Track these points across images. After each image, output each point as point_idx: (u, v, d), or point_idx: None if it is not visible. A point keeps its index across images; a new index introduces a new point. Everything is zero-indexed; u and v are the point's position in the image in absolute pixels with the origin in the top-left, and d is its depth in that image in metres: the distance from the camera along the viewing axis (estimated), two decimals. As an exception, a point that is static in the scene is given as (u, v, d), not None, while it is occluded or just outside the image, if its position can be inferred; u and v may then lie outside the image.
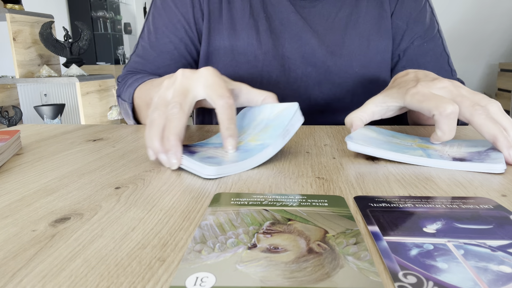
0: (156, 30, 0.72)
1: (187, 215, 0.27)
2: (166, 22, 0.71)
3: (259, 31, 0.70)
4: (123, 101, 0.69)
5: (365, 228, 0.25)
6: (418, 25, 0.73)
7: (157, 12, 0.73)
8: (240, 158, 0.38)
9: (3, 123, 2.36)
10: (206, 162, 0.37)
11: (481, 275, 0.19)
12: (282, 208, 0.28)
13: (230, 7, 0.71)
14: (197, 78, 0.43)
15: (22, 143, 0.51)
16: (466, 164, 0.38)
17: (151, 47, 0.73)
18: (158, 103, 0.41)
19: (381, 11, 0.72)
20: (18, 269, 0.21)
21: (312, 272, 0.19)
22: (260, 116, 0.45)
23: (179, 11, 0.71)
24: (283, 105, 0.43)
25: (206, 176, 0.36)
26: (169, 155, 0.38)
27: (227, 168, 0.36)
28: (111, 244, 0.23)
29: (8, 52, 2.72)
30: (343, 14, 0.72)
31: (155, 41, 0.72)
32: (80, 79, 2.28)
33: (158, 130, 0.39)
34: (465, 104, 0.41)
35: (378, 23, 0.72)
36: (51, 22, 2.39)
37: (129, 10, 4.91)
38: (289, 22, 0.70)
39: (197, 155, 0.39)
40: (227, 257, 0.21)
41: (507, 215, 0.26)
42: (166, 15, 0.71)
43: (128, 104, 0.66)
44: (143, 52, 0.73)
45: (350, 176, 0.36)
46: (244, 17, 0.70)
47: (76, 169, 0.39)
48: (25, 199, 0.31)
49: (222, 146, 0.43)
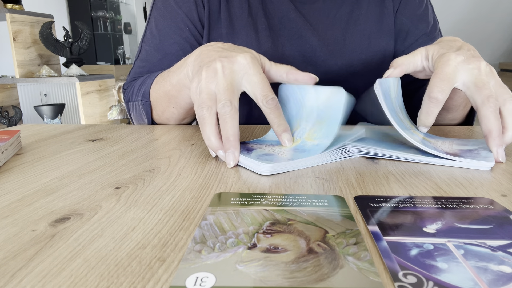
0: (160, 32, 0.71)
1: (187, 215, 0.27)
2: (169, 23, 0.70)
3: (258, 30, 0.70)
4: (135, 102, 0.67)
5: (365, 228, 0.25)
6: (423, 23, 0.73)
7: (159, 14, 0.71)
8: (295, 157, 0.39)
9: (3, 123, 2.36)
10: (263, 159, 0.38)
11: (481, 275, 0.19)
12: (282, 208, 0.28)
13: (228, 6, 0.70)
14: (239, 71, 0.44)
15: (22, 143, 0.51)
16: (457, 159, 0.39)
17: (155, 50, 0.71)
18: (204, 98, 0.42)
19: (383, 8, 0.72)
20: (18, 269, 0.21)
21: (312, 272, 0.19)
22: (308, 102, 0.45)
23: (182, 11, 0.70)
24: (327, 90, 0.44)
25: (261, 173, 0.37)
26: (227, 154, 0.39)
27: (282, 166, 0.38)
28: (111, 244, 0.23)
29: (8, 52, 2.72)
30: (344, 11, 0.71)
31: (159, 43, 0.71)
32: (80, 79, 2.28)
33: (213, 128, 0.41)
34: (484, 92, 0.41)
35: (380, 21, 0.71)
36: (51, 22, 2.39)
37: (129, 10, 4.91)
38: (288, 21, 0.70)
39: (254, 152, 0.41)
40: (227, 257, 0.21)
41: (507, 215, 0.26)
42: (169, 16, 0.70)
43: (144, 102, 0.64)
44: (146, 55, 0.72)
45: (350, 176, 0.36)
46: (243, 16, 0.70)
47: (76, 169, 0.39)
48: (25, 199, 0.31)
49: (278, 143, 0.45)
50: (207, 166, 0.40)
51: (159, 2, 0.72)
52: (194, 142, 0.51)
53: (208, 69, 0.43)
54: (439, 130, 0.57)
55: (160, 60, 0.71)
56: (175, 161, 0.41)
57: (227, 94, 0.41)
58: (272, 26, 0.70)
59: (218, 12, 0.70)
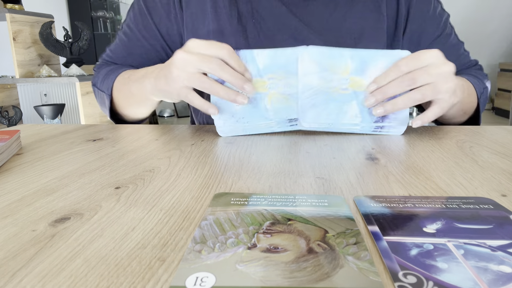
0: (131, 31, 0.74)
1: (187, 215, 0.27)
2: (140, 27, 0.73)
3: (248, 37, 0.70)
4: (100, 91, 0.71)
5: (365, 228, 0.25)
6: (433, 25, 0.73)
7: (134, 14, 0.75)
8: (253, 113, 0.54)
9: (3, 123, 2.36)
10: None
11: (481, 275, 0.19)
12: (282, 208, 0.28)
13: (217, 16, 0.70)
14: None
15: (22, 143, 0.51)
16: (379, 131, 0.54)
17: (123, 46, 0.75)
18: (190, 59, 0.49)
19: (378, 14, 0.71)
20: (18, 269, 0.21)
21: (312, 272, 0.19)
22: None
23: (152, 21, 0.73)
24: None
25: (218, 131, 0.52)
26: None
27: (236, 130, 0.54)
28: (111, 244, 0.23)
29: (8, 52, 2.72)
30: (338, 14, 0.71)
31: (127, 42, 0.75)
32: (80, 79, 2.28)
33: (224, 70, 0.48)
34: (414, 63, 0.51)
35: (374, 26, 0.71)
36: (51, 22, 2.39)
37: (129, 10, 4.90)
38: (282, 25, 0.70)
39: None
40: (227, 257, 0.21)
41: (507, 215, 0.26)
42: (141, 20, 0.73)
43: (107, 95, 0.69)
44: (115, 48, 0.77)
45: (350, 176, 0.36)
46: (232, 25, 0.70)
47: (76, 169, 0.39)
48: (25, 199, 0.31)
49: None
50: (207, 166, 0.40)
51: (136, 5, 0.75)
52: (194, 142, 0.51)
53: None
54: (444, 128, 0.57)
55: (124, 57, 0.75)
56: (175, 161, 0.41)
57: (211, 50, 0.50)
58: (266, 31, 0.70)
59: (203, 23, 0.70)
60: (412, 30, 0.73)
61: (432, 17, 0.73)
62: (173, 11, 0.71)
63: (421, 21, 0.72)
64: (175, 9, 0.71)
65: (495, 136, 0.52)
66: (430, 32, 0.73)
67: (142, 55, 0.74)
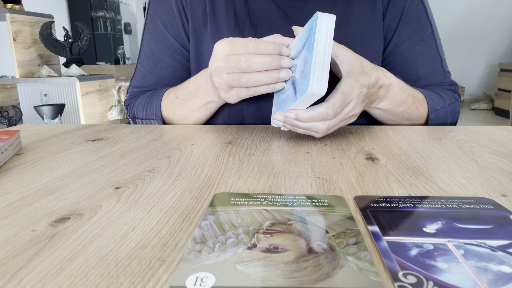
0: (154, 56, 0.73)
1: (187, 215, 0.27)
2: (161, 48, 0.73)
3: None
4: (144, 120, 0.71)
5: (365, 228, 0.25)
6: (408, 27, 0.71)
7: (151, 37, 0.74)
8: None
9: (3, 123, 2.36)
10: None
11: (481, 275, 0.19)
12: (282, 208, 0.28)
13: (215, 19, 0.70)
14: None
15: (22, 143, 0.51)
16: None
17: (150, 73, 0.74)
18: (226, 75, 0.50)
19: (374, 10, 0.71)
20: (18, 269, 0.21)
21: (312, 272, 0.19)
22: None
23: (170, 35, 0.72)
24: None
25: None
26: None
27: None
28: (111, 244, 0.23)
29: (8, 52, 2.72)
30: (335, 13, 0.71)
31: (153, 67, 0.74)
32: (80, 79, 2.28)
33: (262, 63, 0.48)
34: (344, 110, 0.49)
35: (371, 22, 0.71)
36: (51, 22, 2.39)
37: (129, 10, 4.91)
38: (277, 28, 0.70)
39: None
40: (227, 257, 0.21)
41: (507, 215, 0.26)
42: (160, 40, 0.73)
43: (156, 120, 0.70)
44: (142, 77, 0.75)
45: (350, 176, 0.36)
46: (230, 27, 0.70)
47: (76, 169, 0.39)
48: (25, 199, 0.31)
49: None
50: (207, 166, 0.40)
51: (150, 25, 0.74)
52: (194, 142, 0.51)
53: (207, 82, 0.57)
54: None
55: (155, 83, 0.74)
56: (175, 161, 0.41)
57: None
58: (262, 35, 0.69)
59: (204, 26, 0.70)
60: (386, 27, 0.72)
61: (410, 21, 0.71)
62: (184, 16, 0.71)
63: (397, 20, 0.71)
64: (185, 14, 0.71)
65: (495, 136, 0.52)
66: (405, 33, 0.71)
67: (172, 75, 0.73)
